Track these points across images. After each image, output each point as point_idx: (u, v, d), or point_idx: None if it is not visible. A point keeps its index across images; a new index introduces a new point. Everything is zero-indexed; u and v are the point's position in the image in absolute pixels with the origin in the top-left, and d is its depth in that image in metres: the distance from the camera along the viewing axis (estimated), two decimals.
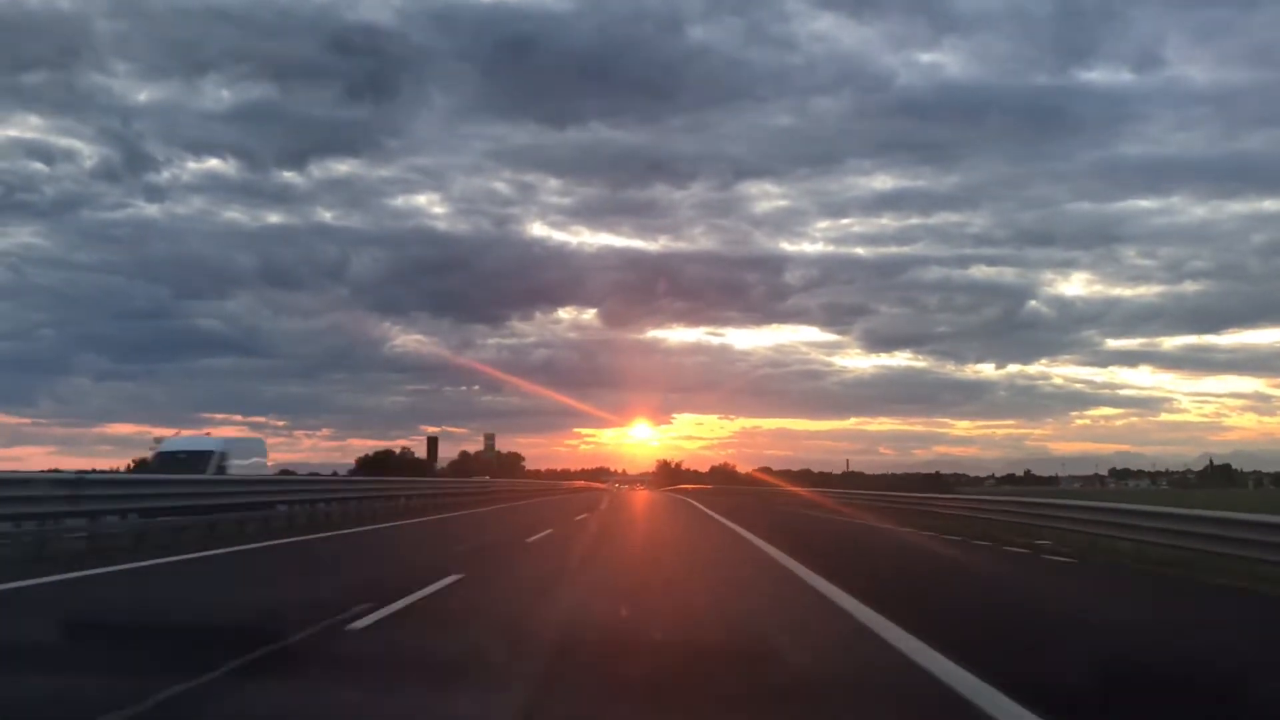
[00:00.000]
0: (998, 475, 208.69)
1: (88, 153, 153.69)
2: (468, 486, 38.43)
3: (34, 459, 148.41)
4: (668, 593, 9.45)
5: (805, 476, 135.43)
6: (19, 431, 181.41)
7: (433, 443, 62.33)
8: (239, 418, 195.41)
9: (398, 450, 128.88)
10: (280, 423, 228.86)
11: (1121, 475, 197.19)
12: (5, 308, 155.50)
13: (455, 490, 35.04)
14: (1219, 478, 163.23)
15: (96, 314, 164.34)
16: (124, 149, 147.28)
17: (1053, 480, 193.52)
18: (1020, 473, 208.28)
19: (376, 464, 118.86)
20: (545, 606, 8.43)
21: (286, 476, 28.50)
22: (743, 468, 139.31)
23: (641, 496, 59.38)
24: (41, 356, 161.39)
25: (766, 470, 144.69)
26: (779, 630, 7.17)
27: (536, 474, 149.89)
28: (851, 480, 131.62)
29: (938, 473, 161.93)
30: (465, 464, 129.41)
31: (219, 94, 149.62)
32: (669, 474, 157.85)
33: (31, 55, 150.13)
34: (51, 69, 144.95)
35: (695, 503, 40.23)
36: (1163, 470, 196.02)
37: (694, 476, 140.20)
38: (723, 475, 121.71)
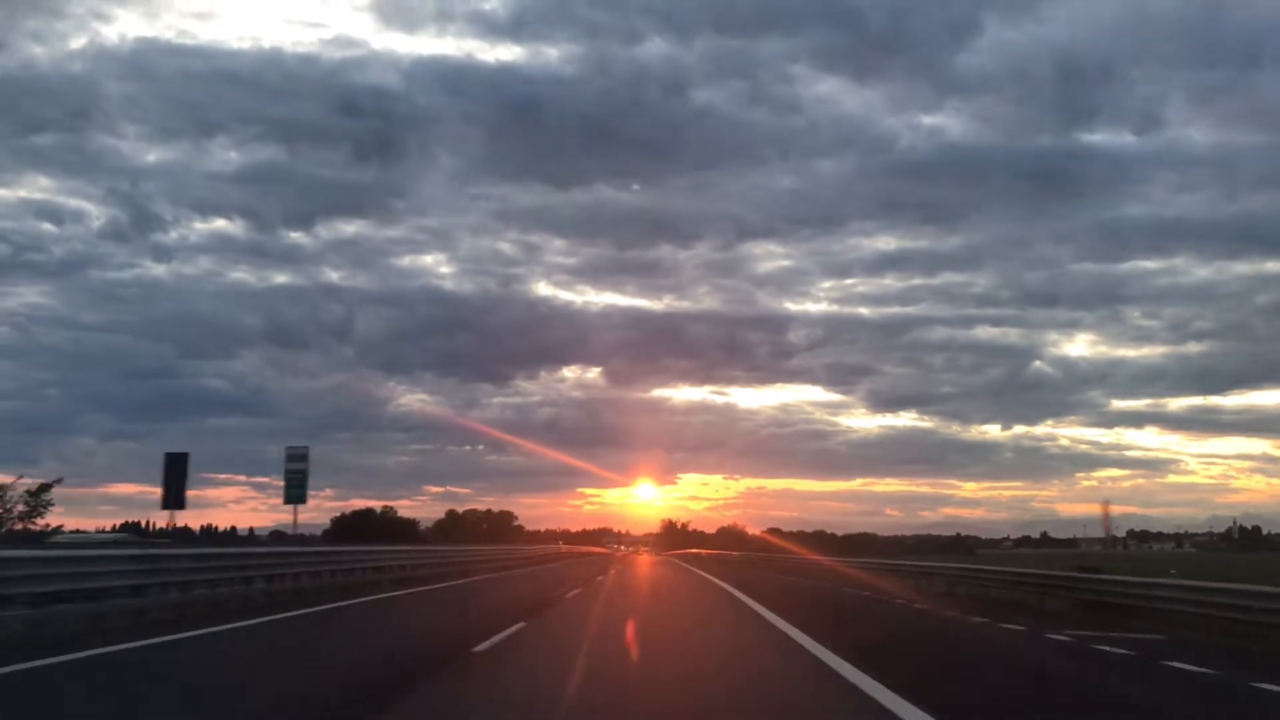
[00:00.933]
0: (1013, 537, 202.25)
1: (96, 213, 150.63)
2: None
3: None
4: None
5: (820, 540, 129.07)
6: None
7: (173, 464, 28.10)
8: (243, 478, 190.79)
9: (379, 509, 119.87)
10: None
11: (1141, 538, 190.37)
12: (11, 367, 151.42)
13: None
14: (1248, 541, 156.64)
15: (102, 373, 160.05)
16: (132, 210, 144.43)
17: (1071, 542, 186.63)
18: (1036, 534, 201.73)
19: (353, 526, 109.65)
20: None
21: None
22: (752, 529, 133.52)
23: (644, 567, 48.09)
24: (47, 416, 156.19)
25: (776, 532, 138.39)
26: None
27: (535, 535, 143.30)
28: (870, 545, 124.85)
29: (959, 534, 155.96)
30: (454, 525, 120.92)
31: (227, 155, 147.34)
32: (675, 536, 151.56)
33: (42, 117, 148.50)
34: (61, 131, 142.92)
35: (718, 581, 29.30)
36: (1183, 532, 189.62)
37: (700, 539, 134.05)
38: (733, 538, 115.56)
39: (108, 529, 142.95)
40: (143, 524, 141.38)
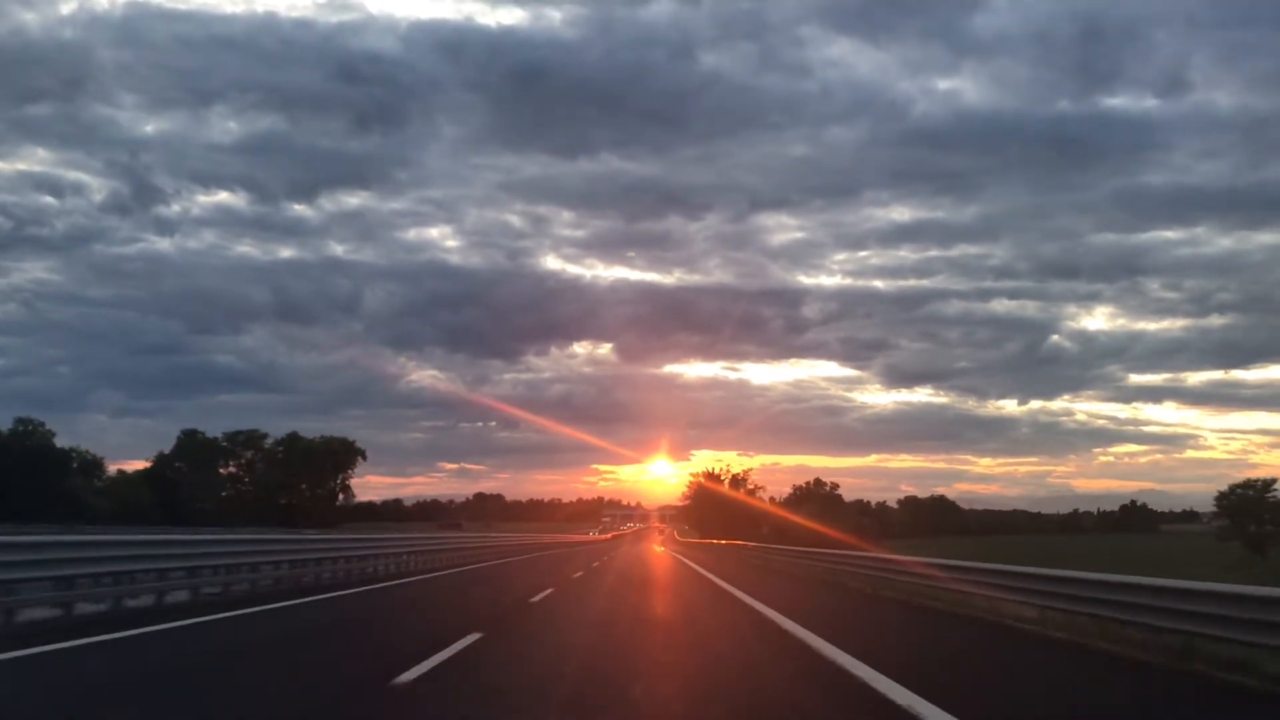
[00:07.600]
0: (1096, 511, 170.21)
1: (96, 186, 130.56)
2: None
3: None
4: None
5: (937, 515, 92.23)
6: None
7: None
8: None
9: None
10: None
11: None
12: (22, 344, 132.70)
13: None
14: None
15: (112, 350, 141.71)
16: (133, 182, 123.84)
17: (1189, 515, 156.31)
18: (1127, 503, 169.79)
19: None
20: None
21: None
22: (780, 508, 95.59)
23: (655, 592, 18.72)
24: (59, 393, 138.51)
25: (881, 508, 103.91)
26: None
27: (514, 507, 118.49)
28: (966, 522, 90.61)
29: (1135, 502, 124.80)
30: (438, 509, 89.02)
31: (226, 125, 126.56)
32: (713, 506, 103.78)
33: (36, 87, 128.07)
34: (57, 100, 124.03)
35: None
36: None
37: (724, 514, 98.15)
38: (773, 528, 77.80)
39: None
40: None
